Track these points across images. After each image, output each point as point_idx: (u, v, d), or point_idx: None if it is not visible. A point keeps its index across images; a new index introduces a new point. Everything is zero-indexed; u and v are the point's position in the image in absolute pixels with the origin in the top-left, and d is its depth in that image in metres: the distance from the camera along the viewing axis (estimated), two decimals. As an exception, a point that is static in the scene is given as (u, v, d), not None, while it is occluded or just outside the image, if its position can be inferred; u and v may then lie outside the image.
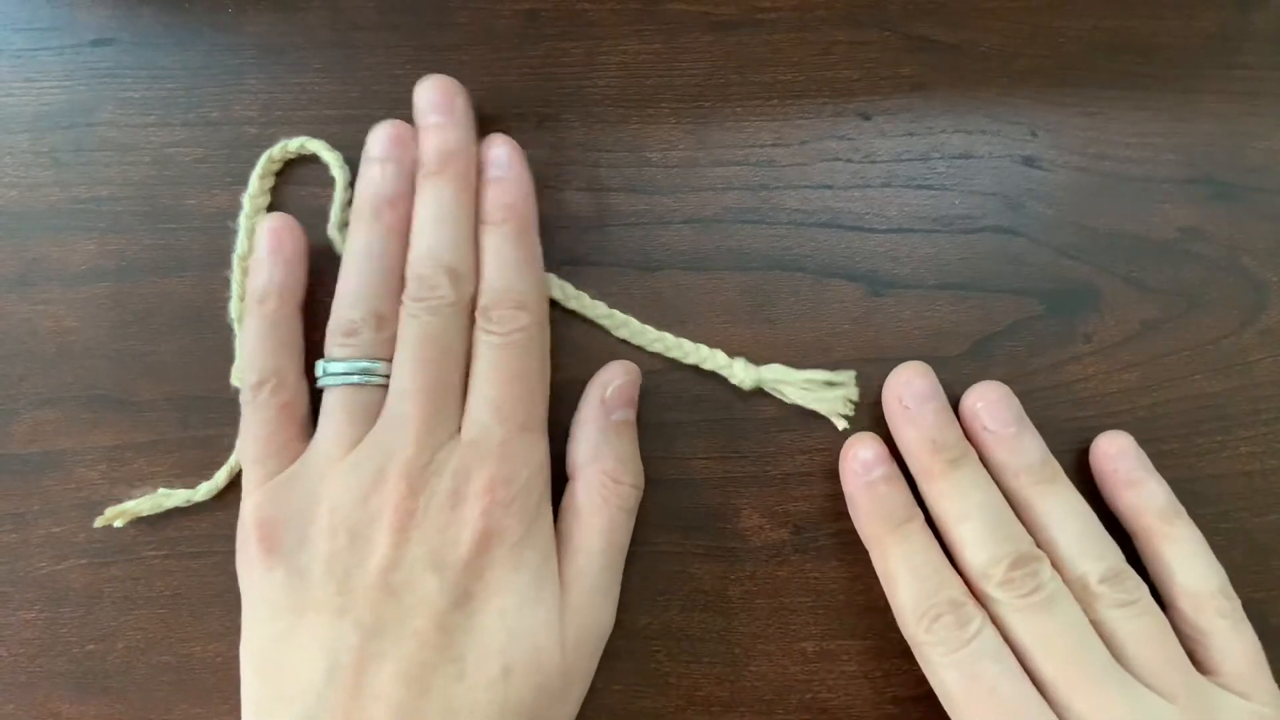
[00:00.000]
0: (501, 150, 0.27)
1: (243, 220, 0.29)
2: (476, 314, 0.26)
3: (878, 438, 0.28)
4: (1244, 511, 0.29)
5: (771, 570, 0.29)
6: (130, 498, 0.28)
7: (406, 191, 0.27)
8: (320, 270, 0.28)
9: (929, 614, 0.25)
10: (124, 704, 0.28)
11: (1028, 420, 0.28)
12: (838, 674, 0.28)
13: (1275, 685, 0.26)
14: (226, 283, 0.29)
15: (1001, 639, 0.25)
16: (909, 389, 0.28)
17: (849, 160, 0.30)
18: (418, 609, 0.24)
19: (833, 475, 0.29)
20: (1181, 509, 0.27)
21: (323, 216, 0.29)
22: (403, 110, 0.30)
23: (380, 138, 0.27)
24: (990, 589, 0.25)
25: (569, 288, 0.29)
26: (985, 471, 0.27)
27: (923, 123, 0.30)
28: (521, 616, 0.24)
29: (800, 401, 0.29)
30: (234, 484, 0.28)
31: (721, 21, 0.30)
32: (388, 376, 0.26)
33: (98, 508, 0.28)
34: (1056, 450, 0.28)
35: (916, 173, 0.30)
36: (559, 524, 0.26)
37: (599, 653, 0.26)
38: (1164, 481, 0.28)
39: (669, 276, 0.29)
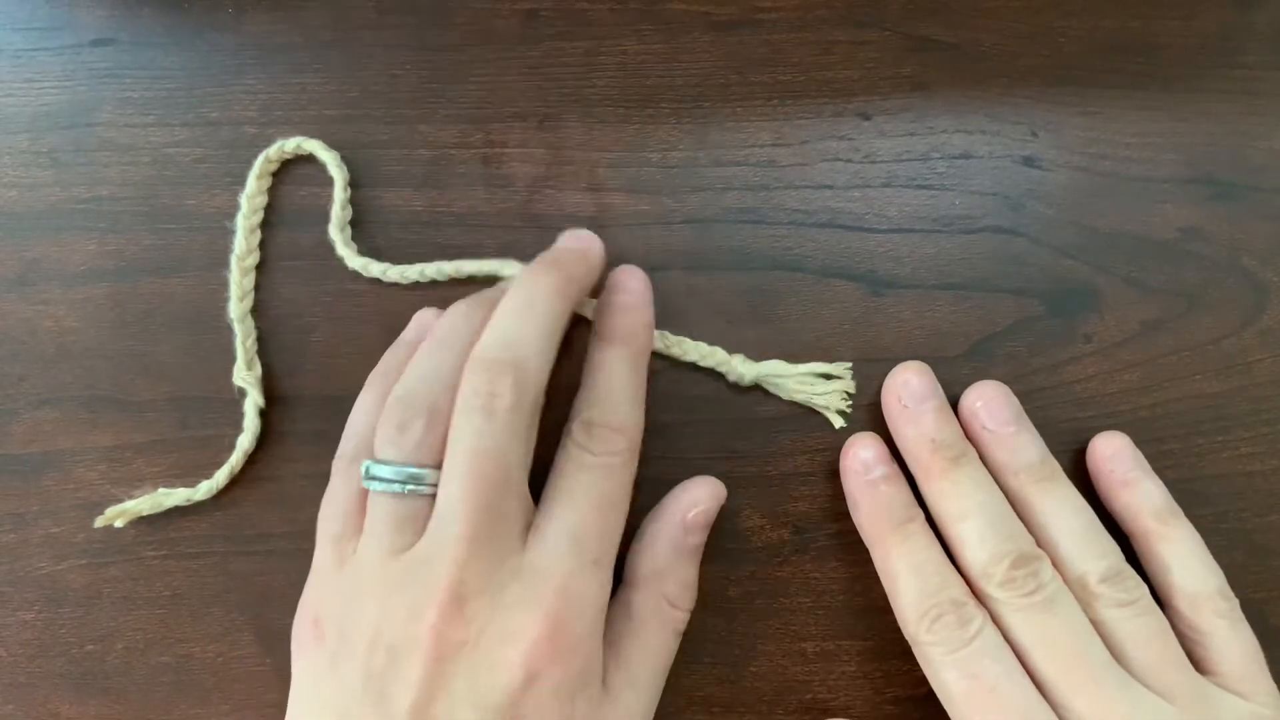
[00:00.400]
0: (636, 281, 0.27)
1: (240, 220, 0.29)
2: (574, 426, 0.25)
3: (878, 437, 0.28)
4: (1244, 511, 0.29)
5: (771, 570, 0.29)
6: (130, 498, 0.28)
7: None
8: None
9: (930, 613, 0.25)
10: (123, 704, 0.28)
11: (1026, 419, 0.28)
12: (838, 674, 0.28)
13: (1274, 685, 0.26)
14: (226, 283, 0.29)
15: (1002, 639, 0.25)
16: (907, 388, 0.28)
17: (849, 160, 0.30)
18: None
19: (833, 475, 0.29)
20: (1178, 509, 0.27)
21: (322, 216, 0.29)
22: (401, 109, 0.30)
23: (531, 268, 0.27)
24: (991, 588, 0.25)
25: None
26: (985, 470, 0.27)
27: (923, 123, 0.30)
28: None
29: (798, 398, 0.29)
30: (234, 484, 0.28)
31: (721, 22, 0.30)
32: (436, 485, 0.24)
33: (97, 508, 0.28)
34: (1056, 450, 0.28)
35: (917, 173, 0.30)
36: (610, 631, 0.25)
37: None
38: (1160, 482, 0.28)
39: (669, 277, 0.29)
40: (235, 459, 0.28)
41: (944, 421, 0.27)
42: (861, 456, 0.28)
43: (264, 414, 0.28)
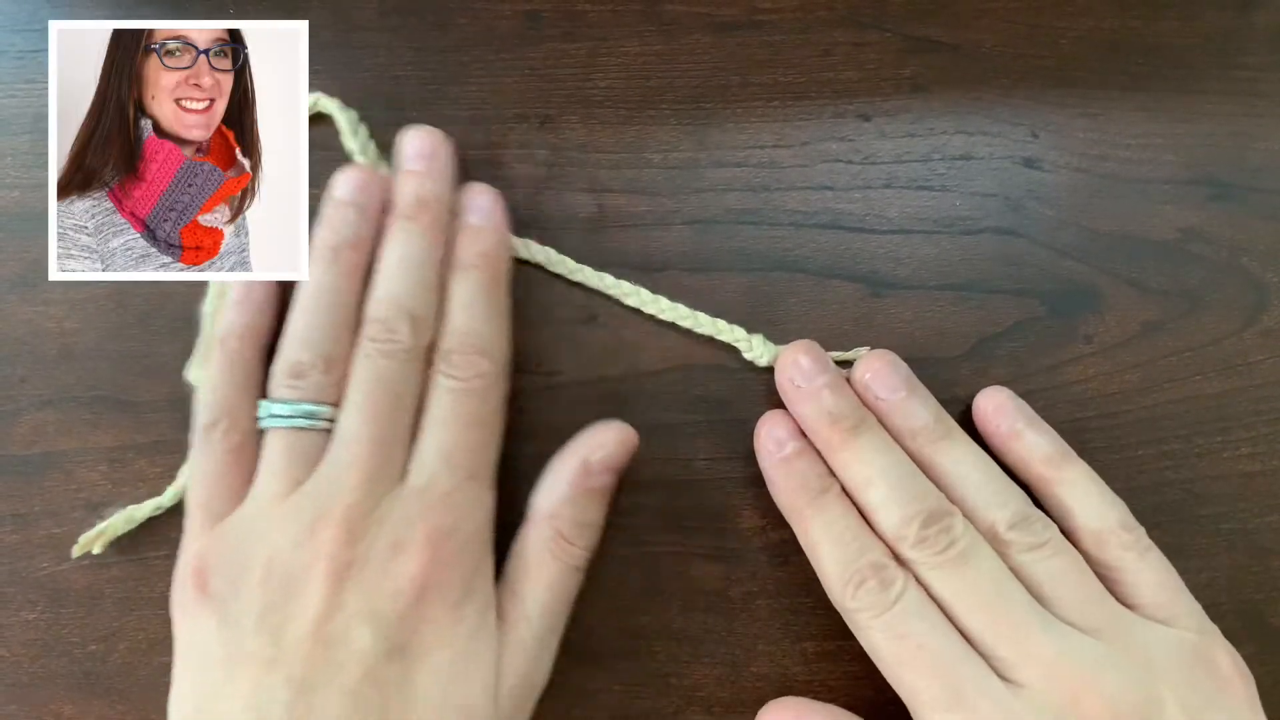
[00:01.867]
0: (484, 199, 0.28)
1: (243, 221, 0.29)
2: (436, 358, 0.26)
3: (787, 414, 0.28)
4: (1245, 512, 0.29)
5: (772, 570, 0.29)
6: (130, 499, 0.28)
7: (367, 236, 0.27)
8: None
9: (854, 579, 0.25)
10: (126, 704, 0.28)
11: (918, 382, 0.28)
12: (839, 674, 0.28)
13: (1195, 604, 0.26)
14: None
15: (926, 597, 0.25)
16: (798, 368, 0.27)
17: (850, 161, 0.30)
18: (350, 662, 0.23)
19: (833, 476, 0.29)
20: (1069, 451, 0.27)
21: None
22: (401, 110, 0.30)
23: (345, 181, 0.27)
24: (906, 550, 0.25)
25: (569, 261, 0.29)
26: (887, 435, 0.27)
27: (923, 124, 0.30)
28: (456, 674, 0.24)
29: None
30: (235, 485, 0.28)
31: (722, 23, 0.30)
32: (333, 421, 0.25)
33: (99, 508, 0.28)
34: (1057, 451, 0.28)
35: (917, 174, 0.30)
36: (507, 566, 0.26)
37: (533, 706, 0.26)
38: (1048, 427, 0.28)
39: (670, 277, 0.29)
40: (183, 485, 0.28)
41: (839, 395, 0.27)
42: (774, 434, 0.27)
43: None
